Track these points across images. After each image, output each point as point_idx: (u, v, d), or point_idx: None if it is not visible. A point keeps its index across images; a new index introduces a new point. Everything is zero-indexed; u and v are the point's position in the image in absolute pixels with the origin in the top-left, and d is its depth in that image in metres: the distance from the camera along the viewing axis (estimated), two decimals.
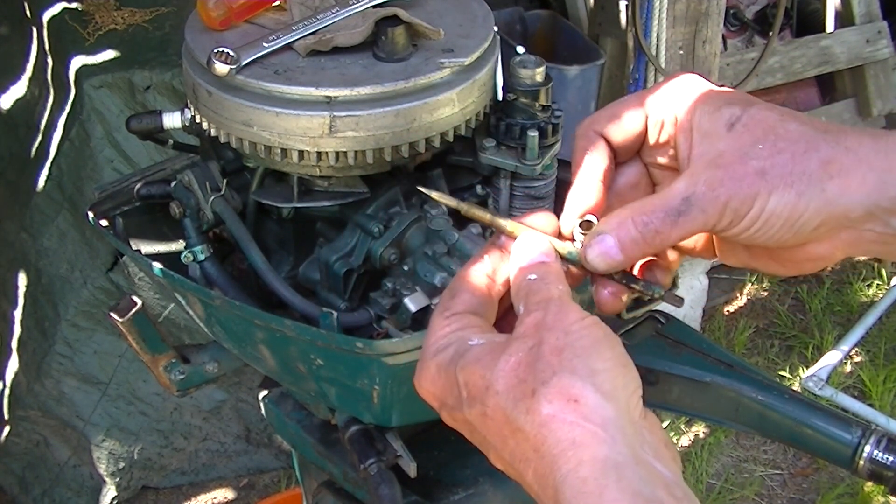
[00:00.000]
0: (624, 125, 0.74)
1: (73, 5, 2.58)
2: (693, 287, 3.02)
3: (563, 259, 0.71)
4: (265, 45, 0.98)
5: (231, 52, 0.95)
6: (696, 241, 0.78)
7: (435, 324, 0.69)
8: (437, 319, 0.69)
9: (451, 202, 0.76)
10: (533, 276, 0.68)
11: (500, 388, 0.62)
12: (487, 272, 0.71)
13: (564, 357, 0.61)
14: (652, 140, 0.75)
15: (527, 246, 0.70)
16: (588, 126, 0.75)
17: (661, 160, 0.76)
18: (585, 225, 0.72)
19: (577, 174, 0.74)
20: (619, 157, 0.76)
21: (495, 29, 1.07)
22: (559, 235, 0.73)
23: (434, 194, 0.76)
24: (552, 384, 0.60)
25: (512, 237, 0.72)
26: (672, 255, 0.78)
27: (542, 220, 0.72)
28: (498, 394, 0.62)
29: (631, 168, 0.77)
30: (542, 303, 0.65)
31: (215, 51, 0.95)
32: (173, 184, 1.09)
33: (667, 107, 0.73)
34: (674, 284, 1.16)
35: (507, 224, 0.72)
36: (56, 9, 2.59)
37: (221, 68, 0.94)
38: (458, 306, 0.69)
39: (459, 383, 0.64)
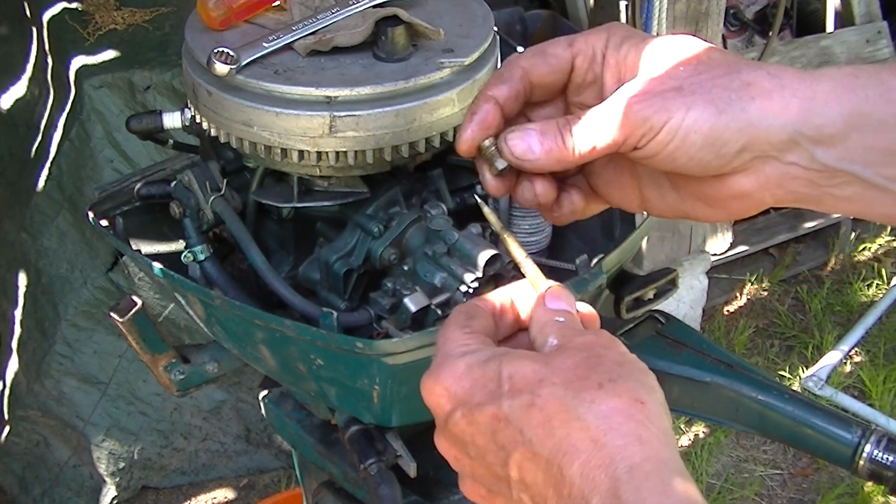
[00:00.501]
0: (547, 61, 0.75)
1: (73, 5, 2.58)
2: (693, 287, 3.02)
3: (483, 157, 0.75)
4: (265, 45, 0.98)
5: (231, 52, 0.95)
6: (620, 183, 0.78)
7: (455, 333, 0.69)
8: (457, 331, 0.69)
9: (497, 226, 0.77)
10: (561, 319, 0.69)
11: (557, 380, 0.62)
12: (505, 303, 0.72)
13: (625, 369, 0.62)
14: (578, 79, 0.75)
15: (559, 293, 0.71)
16: (514, 58, 0.76)
17: (588, 100, 0.76)
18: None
19: (478, 94, 0.76)
20: (541, 93, 0.76)
21: (495, 29, 1.07)
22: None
23: (486, 211, 0.78)
24: (620, 382, 0.61)
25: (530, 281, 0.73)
26: (581, 204, 0.79)
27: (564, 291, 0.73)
28: (555, 385, 0.62)
29: (552, 107, 0.78)
30: (587, 332, 0.67)
31: (215, 51, 0.95)
32: (173, 184, 1.09)
33: (595, 46, 0.74)
34: (673, 284, 1.16)
35: (531, 270, 0.74)
36: (56, 9, 2.59)
37: (221, 68, 0.94)
38: (476, 326, 0.70)
39: (502, 376, 0.64)
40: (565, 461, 0.60)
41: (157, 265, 1.01)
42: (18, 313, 2.56)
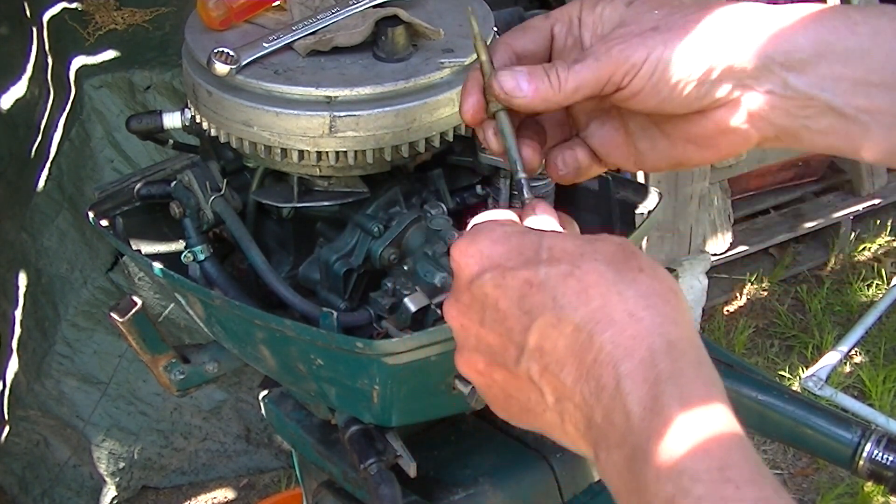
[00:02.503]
0: (527, 33, 0.80)
1: (73, 5, 2.58)
2: (693, 287, 3.02)
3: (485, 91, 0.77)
4: (265, 45, 0.98)
5: (231, 52, 0.95)
6: (615, 142, 0.82)
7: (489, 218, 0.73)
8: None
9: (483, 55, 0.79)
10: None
11: (600, 258, 0.64)
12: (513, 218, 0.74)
13: (660, 268, 0.65)
14: (560, 45, 0.79)
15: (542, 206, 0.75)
16: (500, 38, 0.81)
17: None
18: None
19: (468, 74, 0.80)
20: (527, 62, 0.79)
21: (495, 29, 1.07)
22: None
23: (475, 29, 0.79)
24: (658, 271, 0.64)
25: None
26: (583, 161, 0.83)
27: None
28: (597, 261, 0.63)
29: None
30: (616, 238, 0.69)
31: (215, 51, 0.95)
32: (173, 184, 1.09)
33: (570, 13, 0.79)
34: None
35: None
36: (56, 9, 2.59)
37: (222, 68, 0.94)
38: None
39: (542, 246, 0.65)
40: (597, 328, 0.61)
41: (157, 265, 1.01)
42: (18, 313, 2.56)
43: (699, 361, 0.61)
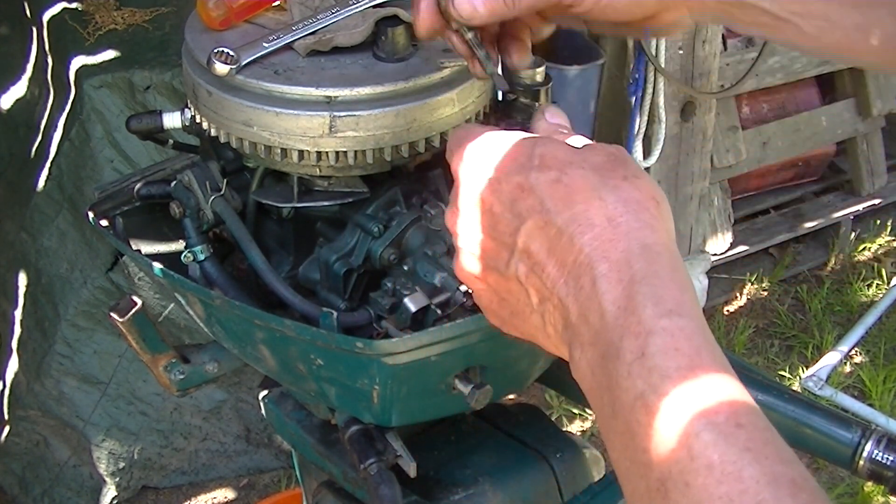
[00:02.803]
0: None
1: (73, 5, 2.58)
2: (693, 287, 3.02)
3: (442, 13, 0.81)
4: (265, 45, 0.98)
5: (231, 52, 0.95)
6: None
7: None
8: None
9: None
10: (564, 132, 0.76)
11: (587, 165, 0.66)
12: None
13: (645, 177, 0.67)
14: None
15: (557, 111, 0.79)
16: None
17: None
18: None
19: None
20: None
21: None
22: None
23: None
24: (642, 179, 0.66)
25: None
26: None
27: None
28: (583, 168, 0.66)
29: None
30: (609, 147, 0.72)
31: (215, 51, 0.95)
32: (173, 184, 1.09)
33: None
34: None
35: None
36: (56, 9, 2.59)
37: (221, 68, 0.94)
38: None
39: (534, 153, 0.68)
40: (577, 231, 0.64)
41: (157, 265, 1.01)
42: (18, 313, 2.56)
43: (673, 266, 0.62)
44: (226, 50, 0.95)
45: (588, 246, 0.63)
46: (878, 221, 3.57)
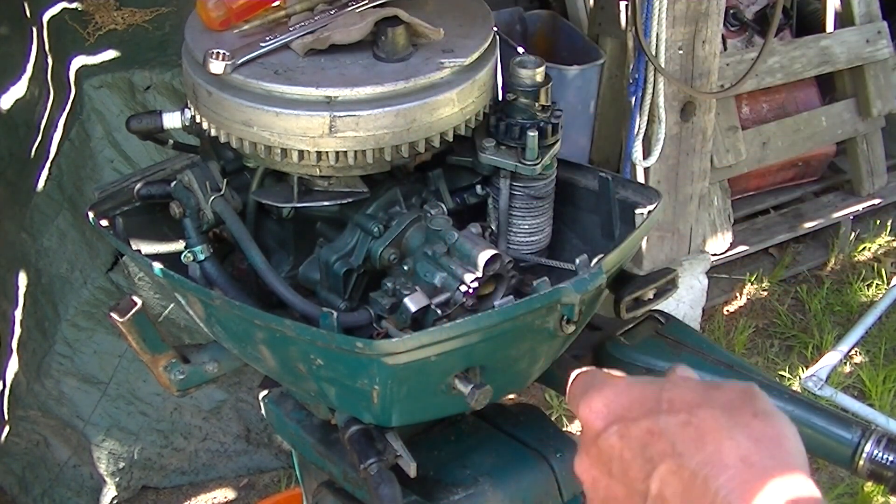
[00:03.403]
0: None
1: (73, 5, 2.58)
2: (693, 287, 3.02)
3: None
4: (262, 44, 0.98)
5: (226, 51, 0.95)
6: None
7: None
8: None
9: None
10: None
11: (716, 405, 0.66)
12: None
13: (777, 414, 0.66)
14: None
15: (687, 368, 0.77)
16: None
17: None
18: None
19: None
20: None
21: (495, 29, 1.07)
22: None
23: None
24: (774, 416, 0.65)
25: None
26: None
27: None
28: (713, 408, 0.66)
29: None
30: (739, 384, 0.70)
31: (210, 49, 0.95)
32: (173, 184, 1.09)
33: None
34: (672, 284, 1.16)
35: None
36: (56, 9, 2.59)
37: (216, 66, 0.95)
38: None
39: (662, 398, 0.68)
40: (711, 474, 0.63)
41: (157, 265, 1.01)
42: (18, 313, 2.56)
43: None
44: (220, 49, 0.95)
45: (724, 489, 0.62)
46: (878, 221, 3.57)
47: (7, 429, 2.58)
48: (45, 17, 2.60)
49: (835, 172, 3.59)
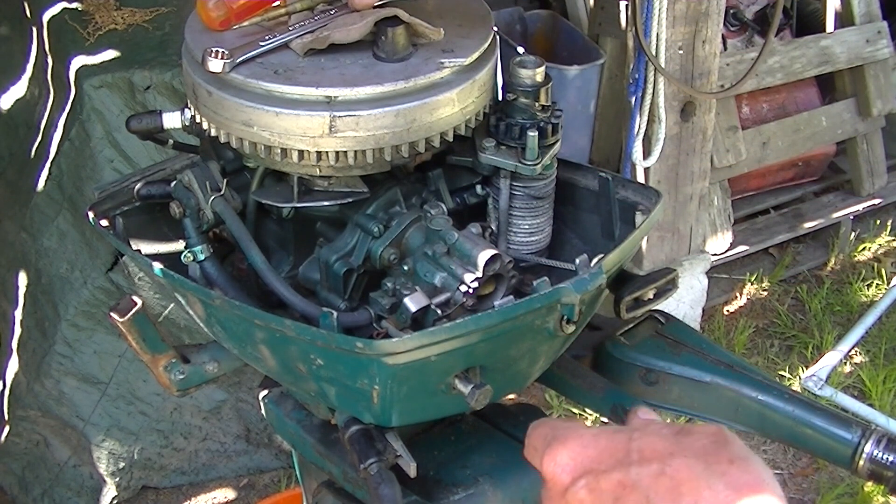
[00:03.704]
0: None
1: (73, 5, 2.58)
2: (693, 287, 3.02)
3: None
4: (261, 43, 0.98)
5: (224, 50, 0.95)
6: None
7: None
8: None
9: None
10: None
11: (689, 453, 0.64)
12: None
13: (752, 457, 0.65)
14: None
15: (648, 411, 0.75)
16: None
17: None
18: None
19: None
20: None
21: (495, 29, 1.07)
22: None
23: None
24: (750, 462, 0.64)
25: None
26: None
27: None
28: (686, 457, 0.64)
29: None
30: (710, 428, 0.69)
31: (208, 48, 0.95)
32: (173, 184, 1.09)
33: None
34: (673, 284, 1.16)
35: None
36: (56, 9, 2.59)
37: (215, 65, 0.95)
38: None
39: (631, 448, 0.66)
40: None
41: (157, 265, 1.01)
42: (18, 313, 2.56)
43: None
44: (219, 47, 0.95)
45: None
46: (878, 221, 3.57)
47: (7, 429, 2.59)
48: (45, 17, 2.60)
49: (835, 172, 3.60)
